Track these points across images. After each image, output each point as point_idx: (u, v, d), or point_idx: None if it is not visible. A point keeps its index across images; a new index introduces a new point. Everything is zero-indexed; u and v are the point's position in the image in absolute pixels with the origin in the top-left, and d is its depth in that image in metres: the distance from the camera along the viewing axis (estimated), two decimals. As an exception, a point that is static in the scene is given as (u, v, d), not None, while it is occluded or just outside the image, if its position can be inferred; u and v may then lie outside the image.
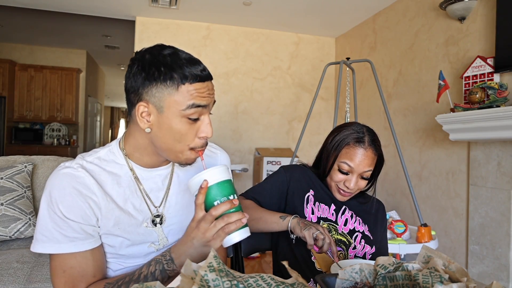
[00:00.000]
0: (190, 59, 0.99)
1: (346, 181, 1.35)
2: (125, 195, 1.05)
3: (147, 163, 1.09)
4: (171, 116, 0.97)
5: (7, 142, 7.58)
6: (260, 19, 5.10)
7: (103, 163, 1.05)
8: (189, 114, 0.96)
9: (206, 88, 0.99)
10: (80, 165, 1.02)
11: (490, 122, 2.64)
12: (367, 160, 1.34)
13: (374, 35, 4.73)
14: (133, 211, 1.06)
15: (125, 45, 7.43)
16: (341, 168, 1.35)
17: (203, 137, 1.00)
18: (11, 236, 2.12)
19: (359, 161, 1.33)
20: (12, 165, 2.28)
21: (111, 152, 1.08)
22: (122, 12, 4.94)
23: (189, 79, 0.95)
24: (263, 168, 4.89)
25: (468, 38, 3.23)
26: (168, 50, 0.99)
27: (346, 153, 1.35)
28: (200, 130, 1.00)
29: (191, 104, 0.95)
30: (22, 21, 6.30)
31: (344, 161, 1.34)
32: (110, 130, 16.73)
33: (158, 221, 1.10)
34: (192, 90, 0.96)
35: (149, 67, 0.96)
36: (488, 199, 2.96)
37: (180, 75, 0.95)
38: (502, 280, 2.82)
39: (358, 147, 1.34)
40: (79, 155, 1.08)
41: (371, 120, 4.74)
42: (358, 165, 1.33)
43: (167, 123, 0.98)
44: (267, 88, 5.53)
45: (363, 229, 1.42)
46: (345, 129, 1.40)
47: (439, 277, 0.66)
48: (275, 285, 0.65)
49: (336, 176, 1.37)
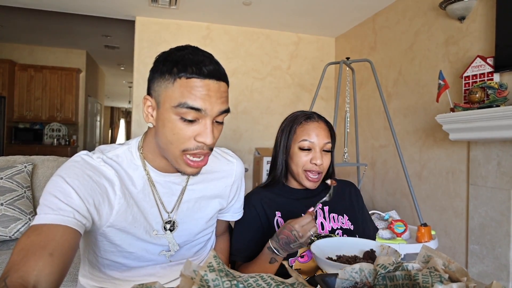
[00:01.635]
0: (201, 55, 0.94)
1: (312, 159, 1.33)
2: (139, 196, 1.03)
3: (161, 166, 1.05)
4: (165, 112, 0.93)
5: (7, 142, 7.59)
6: (260, 19, 5.10)
7: (120, 161, 1.02)
8: (182, 113, 0.91)
9: (205, 88, 0.91)
10: (101, 159, 0.99)
11: (490, 122, 2.64)
12: (323, 132, 1.35)
13: (374, 35, 4.73)
14: (146, 213, 1.04)
15: (125, 45, 7.43)
16: (301, 147, 1.34)
17: (200, 141, 0.93)
18: (11, 236, 2.12)
19: (316, 134, 1.33)
20: (12, 165, 2.28)
21: (129, 151, 1.05)
22: (122, 12, 4.94)
23: (187, 72, 0.90)
24: (263, 168, 4.89)
25: (468, 38, 3.23)
26: (187, 48, 0.96)
27: (301, 131, 1.35)
28: (198, 133, 0.93)
29: (182, 103, 0.90)
30: (22, 21, 6.30)
31: (302, 138, 1.34)
32: (110, 130, 16.72)
33: (169, 227, 1.08)
34: (187, 86, 0.90)
35: (159, 61, 0.95)
36: (488, 199, 2.96)
37: (179, 68, 0.91)
38: (502, 279, 2.82)
39: (310, 122, 1.36)
40: (98, 148, 1.04)
41: (371, 119, 4.74)
42: (317, 137, 1.33)
43: (161, 119, 0.94)
44: (267, 88, 5.53)
45: (340, 224, 1.38)
46: (290, 116, 1.44)
47: (439, 276, 0.66)
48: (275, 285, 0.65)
49: (300, 159, 1.34)
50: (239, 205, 1.33)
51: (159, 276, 1.11)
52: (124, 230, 1.01)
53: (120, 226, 0.99)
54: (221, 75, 0.96)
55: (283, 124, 1.45)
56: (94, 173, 0.95)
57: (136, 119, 5.10)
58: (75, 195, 0.88)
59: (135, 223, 1.02)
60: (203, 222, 1.17)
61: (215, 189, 1.20)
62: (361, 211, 1.48)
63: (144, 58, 5.07)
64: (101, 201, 0.94)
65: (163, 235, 1.08)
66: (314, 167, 1.33)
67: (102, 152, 1.02)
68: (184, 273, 0.62)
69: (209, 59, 0.95)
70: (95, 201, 0.92)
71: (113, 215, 0.97)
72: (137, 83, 5.09)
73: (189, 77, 0.90)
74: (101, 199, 0.94)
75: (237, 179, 1.26)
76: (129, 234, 1.02)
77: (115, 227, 0.99)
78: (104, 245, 1.03)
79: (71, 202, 0.87)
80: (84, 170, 0.94)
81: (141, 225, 1.03)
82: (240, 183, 1.30)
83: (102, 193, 0.95)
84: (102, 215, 0.95)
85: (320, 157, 1.33)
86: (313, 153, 1.33)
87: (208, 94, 0.91)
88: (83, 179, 0.91)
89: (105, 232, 0.99)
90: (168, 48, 0.98)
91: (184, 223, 1.11)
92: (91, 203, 0.91)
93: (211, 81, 0.92)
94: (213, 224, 1.24)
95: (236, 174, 1.26)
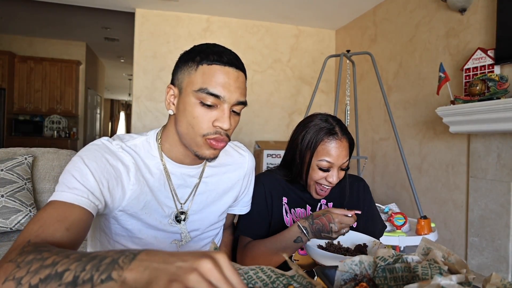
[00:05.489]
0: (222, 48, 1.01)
1: (328, 176, 1.29)
2: (154, 185, 1.06)
3: (177, 156, 1.08)
4: (186, 96, 0.98)
5: (7, 134, 7.59)
6: (260, 12, 5.07)
7: (138, 151, 1.06)
8: (202, 98, 0.95)
9: (225, 75, 0.96)
10: (120, 146, 1.02)
11: (490, 114, 2.64)
12: (344, 152, 1.29)
13: (374, 27, 4.71)
14: (161, 202, 1.07)
15: (124, 37, 7.40)
16: (320, 166, 1.28)
17: (217, 125, 0.97)
18: (11, 228, 2.13)
19: (337, 155, 1.27)
20: (12, 157, 2.29)
21: (147, 142, 1.08)
22: (122, 3, 4.91)
23: (209, 60, 0.96)
24: (263, 161, 4.90)
25: (469, 30, 3.21)
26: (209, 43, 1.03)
27: (323, 149, 1.28)
28: (216, 118, 0.97)
29: (203, 88, 0.95)
30: (21, 12, 6.27)
31: (323, 158, 1.28)
32: (110, 122, 16.70)
33: (183, 218, 1.11)
34: (208, 73, 0.95)
35: (183, 55, 1.03)
36: (488, 191, 2.96)
37: (201, 56, 0.97)
38: (502, 271, 2.84)
39: (333, 140, 1.28)
40: (117, 136, 1.07)
41: (371, 113, 4.73)
42: (337, 159, 1.28)
43: (183, 104, 0.99)
44: (267, 81, 5.52)
45: None
46: (312, 125, 1.33)
47: (438, 269, 0.66)
48: (275, 277, 0.66)
49: (316, 175, 1.30)
50: (247, 199, 1.34)
51: None
52: (135, 216, 1.03)
53: (132, 211, 1.02)
54: (240, 65, 1.01)
55: (305, 132, 1.33)
56: (112, 157, 0.98)
57: (136, 112, 5.10)
58: (91, 176, 0.91)
59: (147, 210, 1.04)
60: (215, 216, 1.19)
61: (229, 182, 1.22)
62: (368, 207, 1.46)
63: (144, 51, 5.05)
64: (115, 185, 0.97)
65: (176, 225, 1.10)
66: (328, 184, 1.31)
67: (121, 140, 1.05)
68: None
69: (229, 51, 1.01)
70: (110, 184, 0.95)
71: (126, 199, 1.00)
72: (137, 76, 5.07)
73: (211, 63, 0.96)
74: (115, 182, 0.97)
75: (248, 172, 1.29)
76: (139, 220, 1.04)
77: (126, 212, 1.02)
78: (116, 229, 1.06)
79: (87, 183, 0.90)
80: (103, 153, 0.97)
81: (153, 213, 1.06)
82: (251, 176, 1.33)
83: (117, 177, 0.97)
84: (115, 198, 0.98)
85: (336, 175, 1.30)
86: (330, 172, 1.30)
87: (228, 82, 0.96)
88: (100, 162, 0.94)
89: (116, 216, 1.02)
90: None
91: (196, 215, 1.14)
92: (105, 185, 0.94)
93: (231, 68, 0.98)
94: (223, 218, 1.26)
95: (248, 168, 1.28)
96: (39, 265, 0.62)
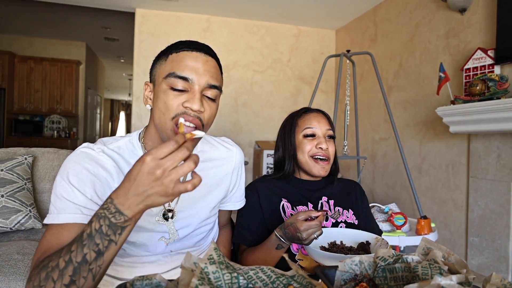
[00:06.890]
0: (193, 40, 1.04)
1: (318, 144, 1.39)
2: None
3: None
4: (158, 86, 1.01)
5: (7, 134, 7.59)
6: (260, 12, 5.07)
7: (122, 152, 1.07)
8: (171, 83, 0.97)
9: (193, 59, 0.98)
10: (102, 150, 1.03)
11: (490, 114, 2.64)
12: (323, 120, 1.44)
13: (374, 27, 4.71)
14: None
15: (124, 37, 7.40)
16: (306, 134, 1.41)
17: (187, 106, 0.96)
18: (11, 228, 2.13)
19: (317, 121, 1.42)
20: (12, 157, 2.28)
21: (130, 142, 1.09)
22: (122, 3, 4.91)
23: (178, 48, 1.00)
24: (263, 161, 4.90)
25: (469, 30, 3.21)
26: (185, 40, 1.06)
27: (303, 121, 1.44)
28: (186, 100, 0.97)
29: (171, 73, 0.97)
30: (21, 12, 6.27)
31: (306, 127, 1.42)
32: (110, 122, 16.70)
33: (170, 215, 1.11)
34: (176, 59, 0.98)
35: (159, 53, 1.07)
36: (488, 191, 2.96)
37: (172, 47, 1.01)
38: (502, 271, 2.84)
39: (309, 113, 1.46)
40: (100, 140, 1.09)
41: (371, 112, 4.73)
42: (319, 124, 1.42)
43: (156, 94, 1.01)
44: (267, 81, 5.52)
45: (345, 218, 1.40)
46: (290, 114, 1.53)
47: (438, 269, 0.66)
48: (275, 277, 0.66)
49: (306, 146, 1.40)
50: (240, 194, 1.34)
51: (160, 264, 1.13)
52: None
53: None
54: (210, 51, 1.04)
55: (283, 123, 1.53)
56: (92, 165, 0.99)
57: (136, 112, 5.10)
58: (77, 192, 0.94)
59: None
60: (206, 212, 1.19)
61: (216, 177, 1.21)
62: (366, 210, 1.50)
63: (144, 51, 5.05)
64: (103, 191, 0.98)
65: (164, 223, 1.10)
66: (320, 151, 1.39)
67: (104, 144, 1.06)
68: (185, 265, 0.63)
69: (201, 43, 1.04)
70: (97, 191, 0.97)
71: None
72: (137, 76, 5.07)
73: (179, 51, 1.00)
74: (102, 189, 0.98)
75: (237, 166, 1.28)
76: None
77: None
78: None
79: (76, 200, 0.93)
80: (83, 164, 0.98)
81: None
82: (240, 170, 1.31)
83: (103, 184, 0.99)
84: None
85: (325, 142, 1.40)
86: (317, 139, 1.41)
87: (196, 65, 0.99)
88: (81, 175, 0.96)
89: None
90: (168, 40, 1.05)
91: (185, 212, 1.13)
92: (94, 195, 0.96)
93: (199, 53, 1.00)
94: (215, 214, 1.26)
95: (236, 162, 1.28)
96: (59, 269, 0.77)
